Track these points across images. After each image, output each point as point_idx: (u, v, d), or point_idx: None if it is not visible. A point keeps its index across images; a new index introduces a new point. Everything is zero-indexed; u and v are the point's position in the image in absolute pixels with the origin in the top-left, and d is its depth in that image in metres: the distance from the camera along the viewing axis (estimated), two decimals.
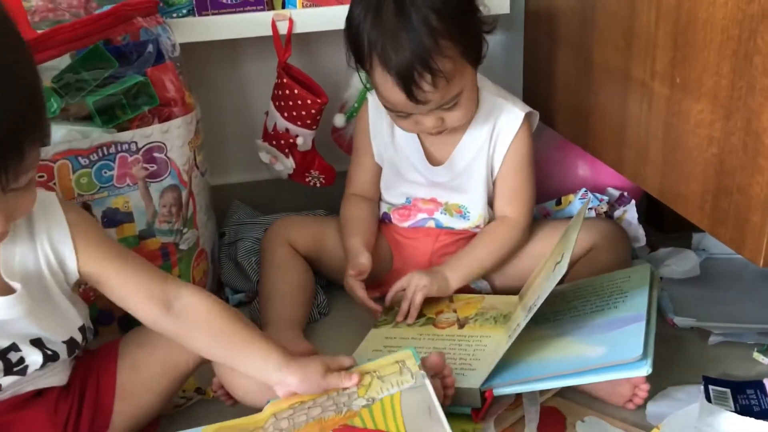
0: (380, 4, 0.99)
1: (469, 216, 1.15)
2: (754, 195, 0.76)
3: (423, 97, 0.99)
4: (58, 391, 0.81)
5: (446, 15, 0.98)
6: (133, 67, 1.01)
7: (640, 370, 0.83)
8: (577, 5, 1.12)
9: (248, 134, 1.38)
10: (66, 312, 0.80)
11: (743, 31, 0.74)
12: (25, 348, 0.75)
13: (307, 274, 1.17)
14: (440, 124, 1.06)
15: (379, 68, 1.00)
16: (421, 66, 0.97)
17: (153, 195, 1.03)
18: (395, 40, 0.97)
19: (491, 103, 1.13)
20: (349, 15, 1.04)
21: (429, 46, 0.96)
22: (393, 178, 1.19)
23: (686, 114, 0.87)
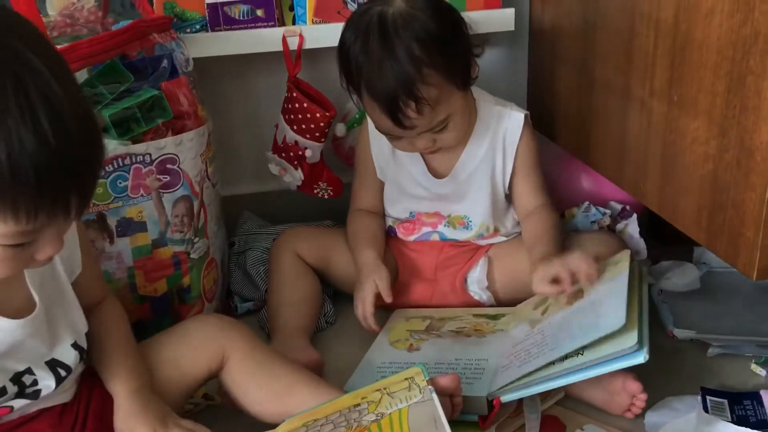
0: (368, 32, 1.01)
1: (471, 225, 1.17)
2: (747, 210, 0.78)
3: (409, 123, 1.01)
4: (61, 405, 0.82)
5: (429, 44, 0.99)
6: (148, 81, 1.03)
7: (637, 358, 0.84)
8: (580, 24, 1.14)
9: (258, 146, 1.39)
10: (76, 310, 0.82)
11: (737, 52, 0.77)
12: (39, 372, 0.76)
13: (315, 284, 1.18)
14: (432, 145, 1.07)
15: (366, 95, 1.03)
16: (405, 94, 0.98)
17: (166, 205, 1.04)
18: (380, 69, 0.99)
19: (490, 112, 1.15)
20: (341, 39, 1.06)
21: (412, 75, 0.98)
22: (396, 193, 1.20)
23: (683, 131, 0.89)
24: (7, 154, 0.57)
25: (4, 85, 0.57)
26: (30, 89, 0.58)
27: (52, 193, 0.60)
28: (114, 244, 1.02)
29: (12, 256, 0.65)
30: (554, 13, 1.23)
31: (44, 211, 0.61)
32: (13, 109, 0.57)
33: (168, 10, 1.23)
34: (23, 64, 0.59)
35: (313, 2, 1.26)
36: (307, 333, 1.11)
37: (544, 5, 1.27)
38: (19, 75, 0.58)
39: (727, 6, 0.77)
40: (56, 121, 0.59)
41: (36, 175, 0.58)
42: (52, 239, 0.66)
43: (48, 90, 0.59)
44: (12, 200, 0.59)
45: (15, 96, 0.57)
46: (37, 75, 0.59)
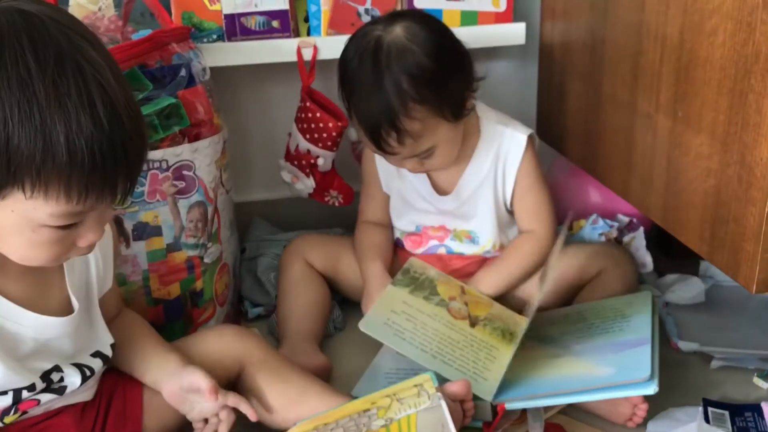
0: (363, 56, 1.02)
1: (478, 240, 1.18)
2: (748, 225, 0.80)
3: (390, 150, 1.03)
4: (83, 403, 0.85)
5: (420, 80, 0.99)
6: (166, 89, 1.04)
7: (648, 389, 0.87)
8: (589, 40, 1.16)
9: (271, 154, 1.41)
10: (100, 323, 0.85)
11: (739, 70, 0.79)
12: (66, 369, 0.79)
13: (324, 291, 1.19)
14: (420, 167, 1.09)
15: (354, 118, 1.05)
16: (388, 125, 1.00)
17: (181, 210, 1.06)
18: (367, 96, 1.01)
19: (493, 131, 1.15)
20: (342, 54, 1.07)
21: (396, 108, 0.99)
22: (402, 206, 1.21)
23: (687, 146, 0.90)
24: (65, 136, 0.61)
25: (66, 71, 0.61)
26: (89, 78, 0.62)
27: (102, 175, 0.64)
28: (130, 248, 1.04)
29: (58, 239, 0.68)
30: (564, 28, 1.25)
31: (94, 192, 0.64)
32: (73, 94, 0.61)
33: (186, 21, 1.25)
34: (83, 55, 0.63)
35: (328, 14, 1.28)
36: (315, 338, 1.12)
37: (555, 20, 1.29)
38: (80, 64, 0.62)
39: (730, 26, 0.79)
40: (111, 109, 0.62)
41: (91, 157, 0.62)
42: (95, 225, 0.69)
43: (104, 80, 0.63)
44: (67, 179, 0.62)
45: (75, 82, 0.61)
46: (96, 66, 0.63)
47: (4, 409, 0.76)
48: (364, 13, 1.27)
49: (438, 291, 1.09)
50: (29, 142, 0.60)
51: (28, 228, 0.66)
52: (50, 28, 0.63)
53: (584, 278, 1.15)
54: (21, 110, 0.60)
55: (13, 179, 0.62)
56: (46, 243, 0.67)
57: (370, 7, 1.27)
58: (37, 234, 0.66)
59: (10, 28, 0.61)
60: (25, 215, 0.65)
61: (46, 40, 0.62)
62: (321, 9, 1.28)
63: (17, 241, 0.68)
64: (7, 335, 0.75)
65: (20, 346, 0.76)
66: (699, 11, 0.85)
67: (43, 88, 0.60)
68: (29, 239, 0.67)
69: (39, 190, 0.62)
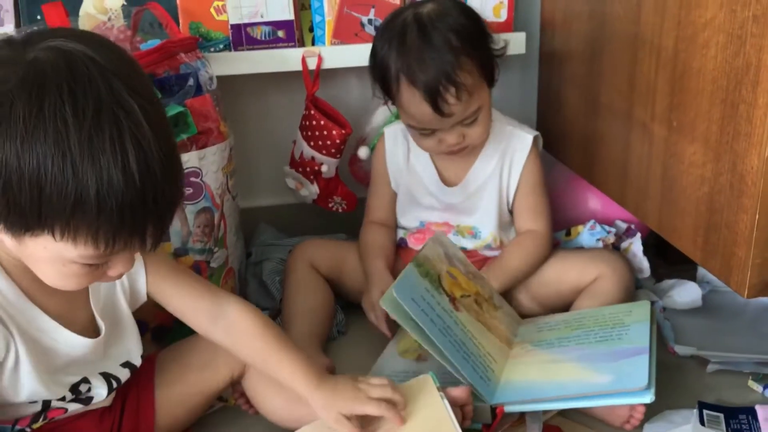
0: (404, 30, 1.08)
1: (480, 235, 1.21)
2: (740, 231, 0.82)
3: (448, 110, 1.06)
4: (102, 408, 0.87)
5: (464, 35, 1.07)
6: (174, 98, 1.06)
7: (644, 398, 0.88)
8: (587, 50, 1.18)
9: (276, 161, 1.42)
10: (132, 336, 0.87)
11: (730, 81, 0.81)
12: (94, 381, 0.81)
13: (328, 294, 1.21)
14: (462, 141, 1.12)
15: (406, 87, 1.07)
16: (446, 80, 1.04)
17: (188, 216, 1.08)
18: (421, 59, 1.05)
19: (501, 131, 1.20)
20: (373, 49, 1.13)
21: (451, 62, 1.05)
22: (408, 202, 1.24)
23: (681, 155, 0.93)
24: (96, 190, 0.62)
25: (103, 127, 0.62)
26: (125, 133, 0.62)
27: (131, 226, 0.65)
28: None
29: (87, 272, 0.70)
30: (563, 38, 1.27)
31: (122, 241, 0.66)
32: (107, 149, 0.62)
33: (194, 31, 1.28)
34: (122, 105, 0.63)
35: (332, 24, 1.30)
36: (319, 341, 1.14)
37: (554, 30, 1.31)
38: (118, 117, 0.62)
39: (722, 39, 0.81)
40: (144, 164, 0.63)
41: (119, 211, 0.63)
42: (124, 261, 0.71)
43: (141, 135, 0.63)
44: (95, 229, 0.64)
45: (111, 137, 0.62)
46: (133, 117, 0.63)
47: (33, 416, 0.79)
48: (367, 23, 1.30)
49: (444, 286, 1.07)
50: (60, 195, 0.61)
51: (59, 263, 0.68)
52: (92, 74, 0.63)
53: (582, 283, 1.16)
54: (55, 163, 0.61)
55: (43, 224, 0.64)
56: (77, 275, 0.70)
57: (374, 17, 1.29)
58: (68, 268, 0.68)
59: (54, 75, 0.62)
60: (55, 252, 0.66)
61: (86, 91, 0.62)
62: (325, 19, 1.30)
63: (50, 271, 0.70)
64: (41, 349, 0.76)
65: (53, 361, 0.78)
66: (692, 24, 0.87)
67: (78, 144, 0.61)
68: (60, 271, 0.69)
69: (69, 236, 0.64)
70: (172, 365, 0.94)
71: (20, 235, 0.65)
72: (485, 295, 1.10)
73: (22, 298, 0.75)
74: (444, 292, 1.03)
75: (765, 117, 0.75)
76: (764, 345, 1.12)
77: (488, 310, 1.09)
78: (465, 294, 1.07)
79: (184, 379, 0.93)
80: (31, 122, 0.60)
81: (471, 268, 1.13)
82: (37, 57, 0.63)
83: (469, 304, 1.05)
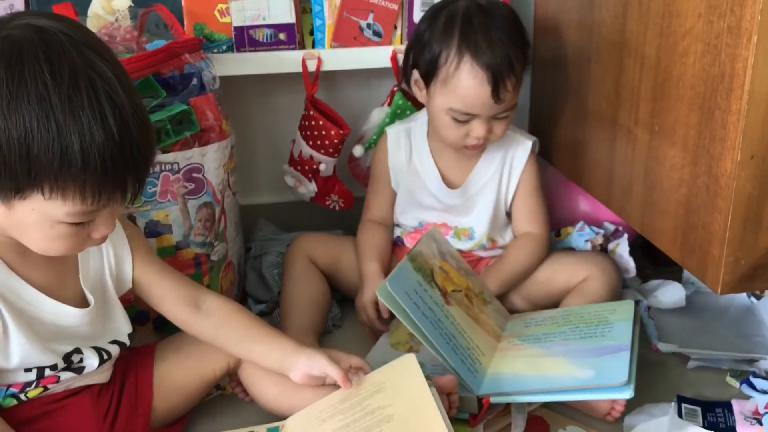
0: (468, 14, 1.11)
1: (474, 235, 1.24)
2: (714, 231, 0.86)
3: (503, 96, 1.10)
4: (99, 385, 0.91)
5: (521, 31, 1.15)
6: (179, 97, 1.09)
7: (624, 394, 0.92)
8: (576, 57, 1.22)
9: (276, 159, 1.45)
10: (120, 315, 0.91)
11: (707, 89, 0.84)
12: (86, 351, 0.86)
13: (324, 288, 1.24)
14: (488, 135, 1.15)
15: (468, 67, 1.09)
16: (509, 66, 1.09)
17: (190, 210, 1.11)
18: (490, 40, 1.09)
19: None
20: (420, 31, 1.16)
21: (515, 52, 1.11)
22: (408, 202, 1.27)
23: (662, 158, 0.96)
24: (80, 145, 0.68)
25: (80, 87, 0.68)
26: (100, 92, 0.69)
27: (113, 179, 0.71)
28: None
29: (74, 233, 0.74)
30: (555, 45, 1.30)
31: (106, 194, 0.71)
32: (86, 107, 0.68)
33: (198, 32, 1.30)
34: (95, 70, 0.69)
35: (332, 28, 1.33)
36: (314, 333, 1.17)
37: (547, 38, 1.34)
38: (93, 79, 0.69)
39: (700, 48, 0.85)
40: (120, 119, 0.69)
41: (102, 164, 0.69)
42: (107, 220, 0.76)
43: (115, 94, 0.69)
44: (82, 183, 0.69)
45: (88, 96, 0.68)
46: (107, 80, 0.69)
47: (26, 383, 0.83)
48: (366, 27, 1.32)
49: (436, 280, 1.10)
50: (48, 151, 0.67)
51: (47, 224, 0.73)
52: (65, 44, 0.69)
53: (572, 284, 1.20)
54: (40, 123, 0.67)
55: (34, 183, 0.69)
56: (64, 237, 0.74)
57: (372, 21, 1.32)
58: (55, 229, 0.73)
59: (28, 45, 0.68)
60: (44, 213, 0.72)
61: (61, 57, 0.68)
62: (325, 23, 1.33)
63: (37, 236, 0.75)
64: (29, 318, 0.81)
65: (41, 329, 0.82)
66: (673, 33, 0.91)
67: (59, 103, 0.67)
68: (48, 234, 0.74)
69: (57, 193, 0.70)
70: (171, 353, 0.98)
71: (10, 198, 0.71)
72: (476, 290, 1.14)
73: (7, 271, 0.80)
74: (436, 286, 1.06)
75: (738, 123, 0.79)
76: (743, 344, 1.16)
77: (478, 304, 1.12)
78: (456, 289, 1.10)
79: (183, 365, 0.96)
80: (14, 87, 0.67)
81: (463, 264, 1.16)
82: (10, 33, 0.69)
83: (460, 299, 1.09)
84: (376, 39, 1.33)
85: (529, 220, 1.24)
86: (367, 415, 0.86)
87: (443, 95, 1.14)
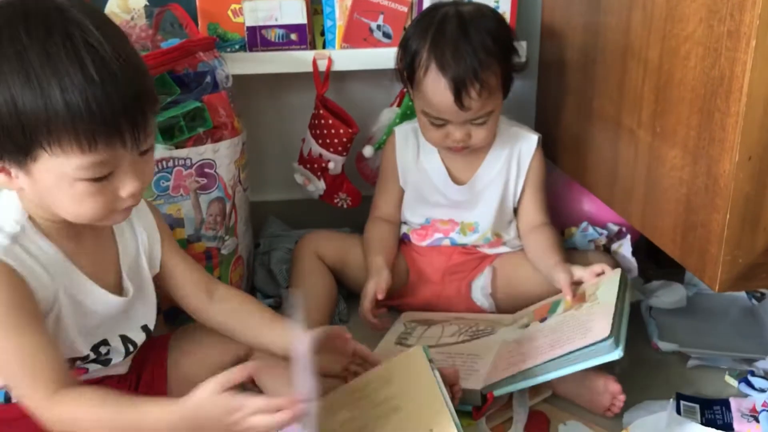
0: (444, 21, 1.14)
1: (479, 229, 1.27)
2: (713, 230, 0.87)
3: (467, 104, 1.12)
4: (118, 376, 0.93)
5: (498, 41, 1.14)
6: (192, 94, 1.12)
7: (613, 354, 0.93)
8: (581, 59, 1.23)
9: (286, 157, 1.47)
10: (151, 302, 0.93)
11: (707, 91, 0.86)
12: (113, 343, 0.88)
13: (331, 283, 1.27)
14: (467, 139, 1.17)
15: (434, 72, 1.13)
16: (473, 75, 1.10)
17: (202, 205, 1.13)
18: (456, 50, 1.11)
19: (507, 131, 1.26)
20: (407, 34, 1.19)
21: (482, 61, 1.11)
22: (415, 199, 1.29)
23: (663, 159, 0.98)
24: (60, 91, 0.69)
25: (54, 37, 0.69)
26: (77, 40, 0.70)
27: (103, 122, 0.71)
28: None
29: (96, 191, 0.75)
30: (560, 48, 1.33)
31: (102, 139, 0.71)
32: (62, 55, 0.69)
33: (211, 31, 1.34)
34: (68, 19, 0.70)
35: (342, 29, 1.35)
36: (322, 326, 1.19)
37: (553, 40, 1.36)
38: (67, 29, 0.70)
39: (701, 51, 0.87)
40: (100, 63, 0.70)
41: (87, 108, 0.69)
42: (129, 174, 0.76)
43: (91, 38, 0.70)
44: (74, 131, 0.70)
45: (64, 46, 0.69)
46: (84, 29, 0.70)
47: None
48: (376, 29, 1.35)
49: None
50: (33, 105, 0.69)
51: (66, 184, 0.73)
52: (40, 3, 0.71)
53: None
54: (21, 79, 0.69)
55: (31, 140, 0.71)
56: (88, 196, 0.74)
57: (382, 23, 1.35)
58: (76, 188, 0.74)
59: (9, 11, 0.70)
60: (57, 172, 0.73)
61: (37, 17, 0.70)
62: (336, 24, 1.36)
63: (63, 198, 0.75)
64: (80, 308, 0.82)
65: (87, 320, 0.84)
66: (675, 37, 0.93)
67: (36, 57, 0.69)
68: (71, 195, 0.74)
69: (55, 146, 0.70)
70: (184, 343, 1.00)
71: (24, 164, 0.72)
72: None
73: (62, 257, 0.81)
74: None
75: (736, 124, 0.81)
76: (743, 344, 1.17)
77: None
78: None
79: (195, 357, 0.98)
80: None
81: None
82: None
83: None
84: (386, 40, 1.36)
85: (540, 212, 1.27)
86: (374, 407, 0.88)
87: (417, 98, 1.18)
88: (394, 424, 0.85)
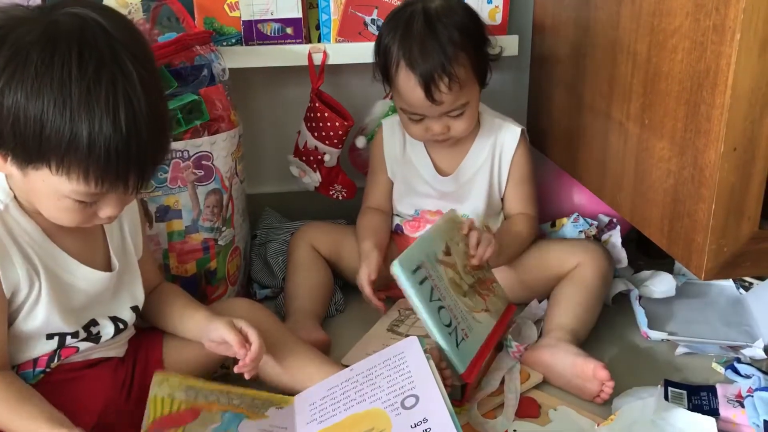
0: (411, 19, 1.16)
1: None
2: (698, 220, 0.89)
3: (438, 98, 1.14)
4: (117, 360, 0.96)
5: (466, 34, 1.15)
6: (189, 87, 1.12)
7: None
8: (572, 53, 1.25)
9: (282, 150, 1.48)
10: (138, 282, 0.96)
11: (693, 83, 0.88)
12: (102, 321, 0.91)
13: (327, 274, 1.28)
14: (446, 132, 1.20)
15: (404, 70, 1.15)
16: (441, 70, 1.12)
17: (199, 196, 1.14)
18: (423, 47, 1.13)
19: (491, 123, 1.28)
20: (380, 34, 1.21)
21: (450, 55, 1.13)
22: (404, 190, 1.31)
23: (651, 150, 1.00)
24: (88, 133, 0.72)
25: (101, 80, 0.72)
26: (119, 89, 0.73)
27: (116, 169, 0.75)
28: (153, 228, 1.13)
29: (78, 209, 0.79)
30: (552, 41, 1.34)
31: (108, 182, 0.76)
32: (101, 98, 0.72)
33: (208, 25, 1.35)
34: (121, 68, 0.73)
35: (337, 23, 1.36)
36: (318, 317, 1.21)
37: (544, 34, 1.38)
38: (115, 76, 0.73)
39: (687, 44, 0.89)
40: (132, 119, 0.74)
41: (106, 154, 0.73)
42: (113, 203, 0.81)
43: (133, 93, 0.74)
44: (85, 168, 0.74)
45: (106, 91, 0.72)
46: (128, 79, 0.73)
47: (49, 355, 0.87)
48: (370, 23, 1.36)
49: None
50: (58, 134, 0.72)
51: (55, 197, 0.78)
52: (99, 38, 0.73)
53: (564, 270, 1.22)
54: (56, 107, 0.72)
55: (42, 157, 0.74)
56: (70, 210, 0.79)
57: (376, 17, 1.36)
58: (62, 202, 0.79)
59: (66, 33, 0.73)
60: (52, 186, 0.77)
61: (92, 51, 0.73)
62: (331, 18, 1.37)
63: (48, 204, 0.80)
64: (63, 286, 0.86)
65: (70, 297, 0.87)
66: (663, 31, 0.94)
67: (77, 93, 0.72)
68: (56, 205, 0.79)
69: (62, 171, 0.75)
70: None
71: (25, 166, 0.76)
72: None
73: (44, 237, 0.85)
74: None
75: (721, 116, 0.83)
76: (730, 332, 1.20)
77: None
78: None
79: (189, 343, 0.99)
80: (41, 69, 0.71)
81: None
82: (57, 19, 0.74)
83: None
84: None
85: (521, 203, 1.29)
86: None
87: (394, 95, 1.21)
88: None
